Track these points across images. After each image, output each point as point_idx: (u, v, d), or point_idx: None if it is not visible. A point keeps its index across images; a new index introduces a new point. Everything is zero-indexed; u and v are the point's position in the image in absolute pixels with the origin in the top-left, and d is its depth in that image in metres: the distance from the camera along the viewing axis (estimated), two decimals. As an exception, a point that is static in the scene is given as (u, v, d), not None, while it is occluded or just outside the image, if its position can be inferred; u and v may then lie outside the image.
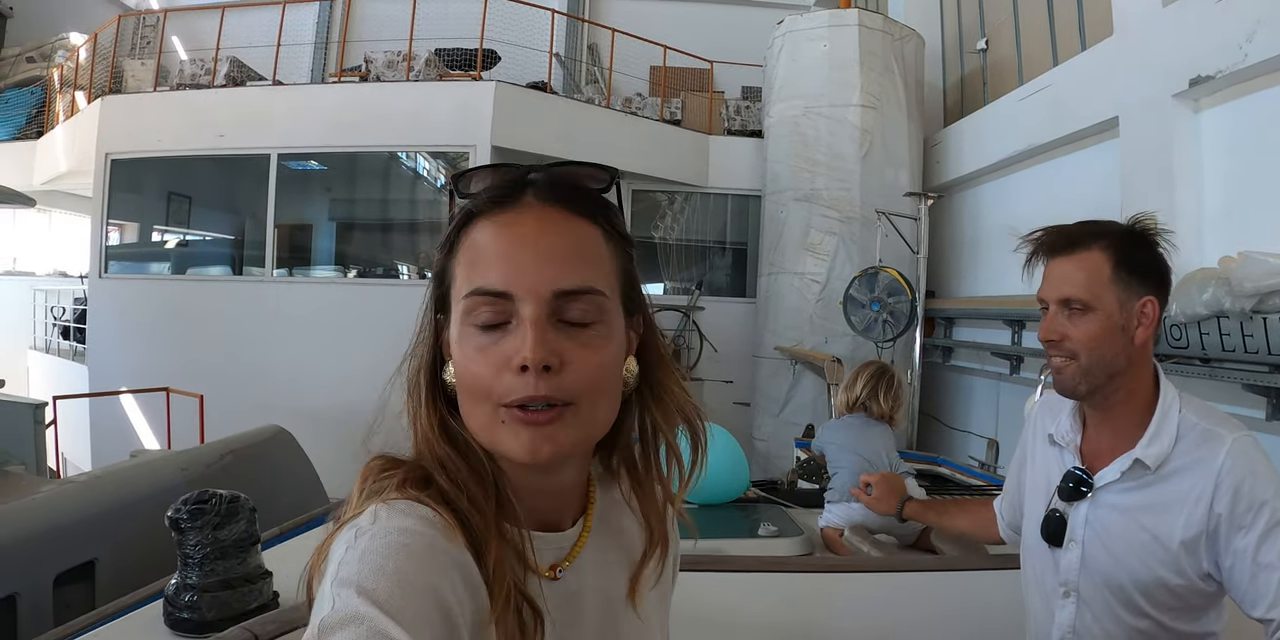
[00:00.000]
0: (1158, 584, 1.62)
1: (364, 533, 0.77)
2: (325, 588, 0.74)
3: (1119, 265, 1.68)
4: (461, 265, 0.87)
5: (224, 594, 1.97)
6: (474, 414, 0.86)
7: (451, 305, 0.88)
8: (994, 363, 9.05)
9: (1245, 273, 4.98)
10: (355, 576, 0.72)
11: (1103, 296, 1.66)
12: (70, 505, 3.76)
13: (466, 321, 0.86)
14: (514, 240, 0.85)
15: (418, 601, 0.72)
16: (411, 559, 0.75)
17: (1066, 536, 1.74)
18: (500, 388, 0.83)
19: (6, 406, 6.46)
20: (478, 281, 0.85)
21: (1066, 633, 1.75)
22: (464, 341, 0.86)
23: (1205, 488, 1.58)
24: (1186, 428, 1.65)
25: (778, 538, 2.75)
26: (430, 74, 10.70)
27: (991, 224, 9.92)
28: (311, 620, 0.72)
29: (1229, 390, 5.45)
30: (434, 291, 0.93)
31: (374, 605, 0.70)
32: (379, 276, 11.25)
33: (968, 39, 11.30)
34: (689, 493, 1.03)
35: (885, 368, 3.80)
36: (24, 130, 14.18)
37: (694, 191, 12.63)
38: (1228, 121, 6.11)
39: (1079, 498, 1.73)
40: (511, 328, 0.84)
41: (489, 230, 0.87)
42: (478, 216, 0.88)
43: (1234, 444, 1.59)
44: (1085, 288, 1.67)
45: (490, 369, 0.84)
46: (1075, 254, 1.70)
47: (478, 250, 0.87)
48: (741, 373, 11.70)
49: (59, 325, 13.58)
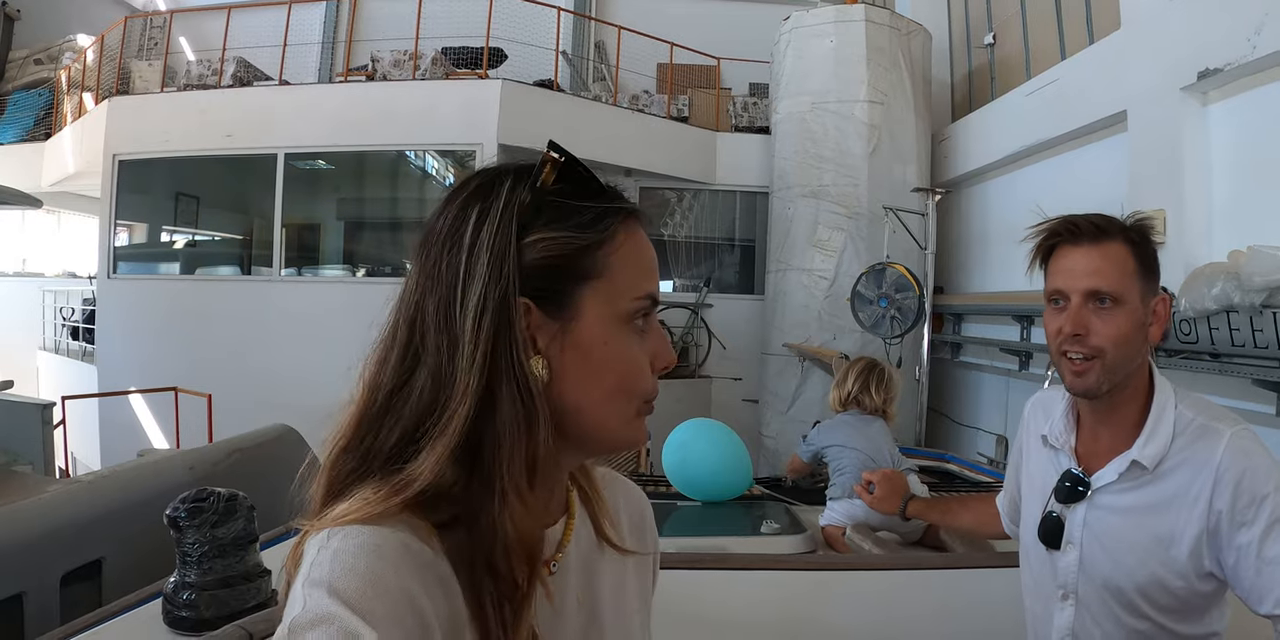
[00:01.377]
0: (1157, 585, 1.60)
1: (336, 533, 0.76)
2: (297, 588, 0.73)
3: (1139, 260, 1.62)
4: (627, 264, 0.89)
5: (222, 592, 1.96)
6: (616, 406, 0.89)
7: (594, 301, 0.87)
8: (1003, 359, 9.03)
9: (1254, 267, 4.96)
10: (327, 577, 0.72)
11: (1130, 291, 1.60)
12: (77, 505, 3.75)
13: (629, 321, 0.89)
14: (654, 257, 0.93)
15: (390, 603, 0.72)
16: (383, 560, 0.74)
17: (1064, 539, 1.71)
18: (648, 384, 0.91)
19: (14, 407, 6.47)
20: (649, 287, 0.91)
21: (1065, 636, 1.72)
22: (628, 342, 0.89)
23: (1204, 485, 1.55)
24: (1183, 424, 1.61)
25: (780, 535, 2.74)
26: (437, 73, 10.69)
27: (999, 219, 9.89)
28: (283, 620, 0.72)
29: (1238, 385, 5.42)
30: (540, 278, 0.85)
31: (345, 605, 0.69)
32: (387, 275, 11.23)
33: (975, 34, 11.26)
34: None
35: (874, 362, 3.78)
36: (32, 132, 14.26)
37: (701, 188, 12.64)
38: (1236, 115, 6.08)
39: (1076, 499, 1.69)
40: (644, 330, 0.91)
41: (646, 241, 0.92)
42: (635, 219, 0.91)
43: (1231, 439, 1.55)
44: (1115, 280, 1.59)
45: (643, 367, 0.90)
46: (1101, 244, 1.61)
47: (646, 257, 0.91)
48: (750, 370, 11.71)
49: (68, 326, 13.64)
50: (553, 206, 0.86)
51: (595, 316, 0.86)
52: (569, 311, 0.86)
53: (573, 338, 0.86)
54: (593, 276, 0.86)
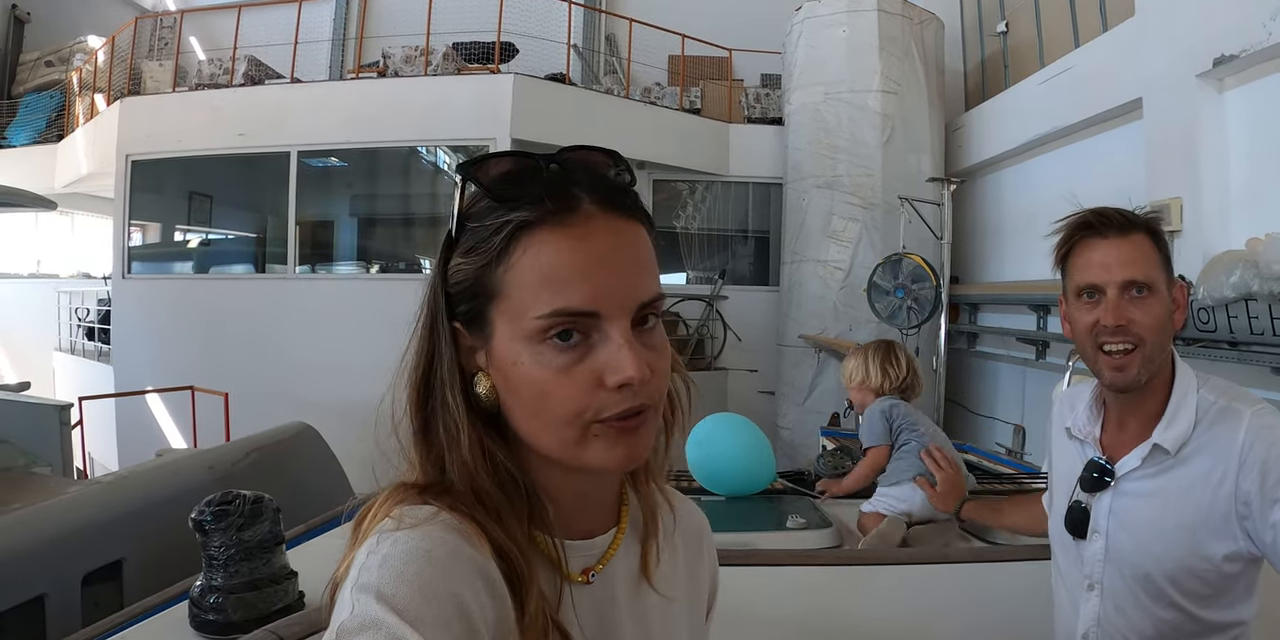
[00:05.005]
0: (1184, 570, 1.59)
1: (385, 538, 0.77)
2: (345, 593, 0.74)
3: (1159, 249, 1.64)
4: (526, 281, 0.81)
5: (249, 595, 1.95)
6: (550, 433, 0.83)
7: (500, 321, 0.83)
8: (1020, 348, 9.01)
9: (1273, 254, 4.93)
10: (375, 582, 0.72)
11: (1159, 279, 1.61)
12: (97, 505, 3.77)
13: (541, 341, 0.81)
14: (592, 257, 0.81)
15: (438, 608, 0.71)
16: (433, 565, 0.74)
17: (1090, 528, 1.71)
18: (595, 405, 0.81)
19: (32, 408, 6.49)
20: (559, 302, 0.79)
21: (1091, 626, 1.71)
22: (538, 361, 0.81)
23: (1228, 467, 1.54)
24: (1205, 407, 1.61)
25: (806, 530, 2.71)
26: (448, 68, 10.70)
27: (1015, 208, 9.86)
28: (330, 625, 0.72)
29: (1258, 374, 5.40)
30: (461, 301, 0.86)
31: (392, 611, 0.69)
32: (402, 271, 11.25)
33: (988, 22, 11.20)
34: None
35: (887, 343, 3.53)
36: (45, 134, 14.33)
37: (715, 180, 12.62)
38: (1252, 101, 6.04)
39: (1101, 488, 1.69)
40: (594, 344, 0.81)
41: (559, 245, 0.80)
42: (535, 226, 0.81)
43: (1253, 418, 1.55)
44: (1147, 269, 1.60)
45: (581, 389, 0.80)
46: (1128, 236, 1.62)
47: (551, 267, 0.80)
48: (765, 362, 11.70)
49: (83, 326, 13.69)
50: (466, 230, 0.85)
51: (503, 337, 0.83)
52: (486, 332, 0.85)
53: (492, 359, 0.85)
54: (496, 296, 0.83)
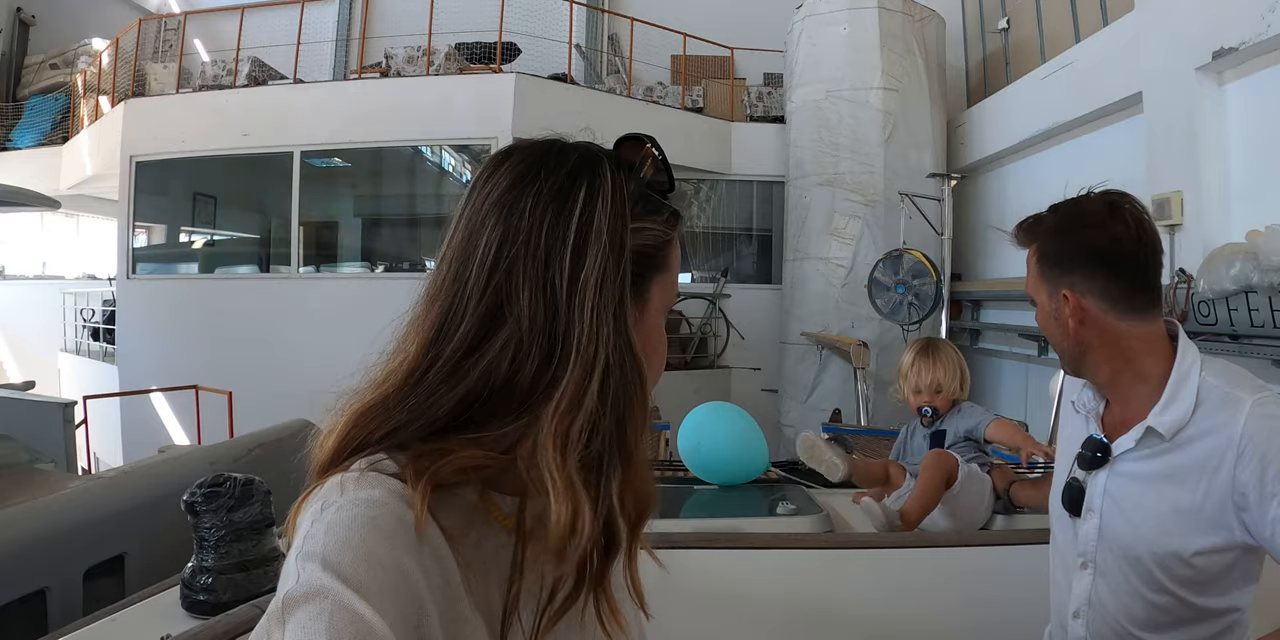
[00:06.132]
0: (1175, 556, 1.56)
1: (330, 505, 0.75)
2: (291, 561, 0.72)
3: (1041, 261, 1.71)
4: (675, 262, 0.96)
5: (239, 576, 1.96)
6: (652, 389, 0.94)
7: (655, 293, 0.93)
8: (1022, 344, 8.99)
9: (1273, 246, 4.93)
10: (320, 549, 0.71)
11: (1037, 292, 1.73)
12: (99, 500, 3.77)
13: (662, 314, 0.95)
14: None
15: (384, 575, 0.70)
16: (378, 532, 0.73)
17: (1085, 506, 1.69)
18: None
19: (36, 406, 6.50)
20: (673, 297, 0.97)
21: (1082, 605, 1.70)
22: (662, 328, 0.95)
23: (1226, 455, 1.51)
24: (1207, 391, 1.57)
25: (795, 515, 2.70)
26: (450, 68, 10.72)
27: (1017, 204, 9.82)
28: (276, 593, 0.71)
29: (1259, 367, 5.38)
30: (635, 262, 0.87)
31: (339, 579, 0.68)
32: (406, 271, 11.28)
33: (989, 18, 11.21)
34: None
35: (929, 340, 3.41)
36: (50, 136, 14.38)
37: (718, 179, 12.63)
38: (1252, 94, 6.04)
39: (1098, 466, 1.68)
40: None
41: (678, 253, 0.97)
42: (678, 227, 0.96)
43: (1253, 406, 1.51)
44: (1028, 284, 1.75)
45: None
46: (1027, 252, 1.75)
47: (674, 264, 0.96)
48: (768, 359, 11.71)
49: (89, 327, 13.72)
50: (646, 199, 0.92)
51: (657, 305, 0.93)
52: (643, 298, 0.91)
53: (642, 322, 0.90)
54: (661, 269, 0.92)
